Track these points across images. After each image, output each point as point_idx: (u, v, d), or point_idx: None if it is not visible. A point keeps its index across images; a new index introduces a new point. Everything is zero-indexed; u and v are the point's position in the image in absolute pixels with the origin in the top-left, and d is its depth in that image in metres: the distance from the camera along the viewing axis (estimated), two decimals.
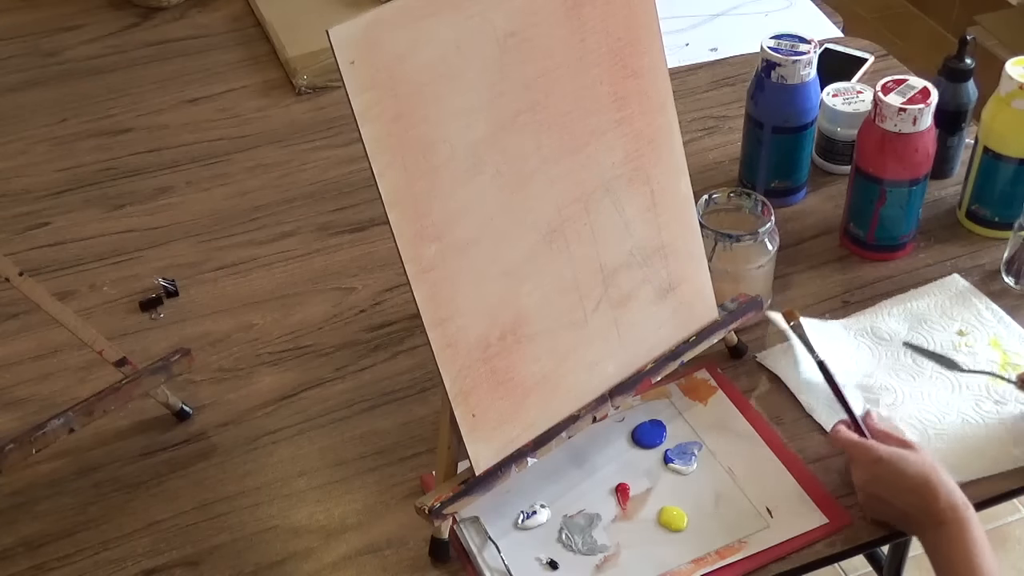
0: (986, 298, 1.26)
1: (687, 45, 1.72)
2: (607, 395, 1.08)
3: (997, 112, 1.29)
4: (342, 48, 0.85)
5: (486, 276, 0.98)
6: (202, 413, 1.19)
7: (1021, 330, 1.23)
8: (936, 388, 1.17)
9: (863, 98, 1.42)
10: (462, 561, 1.04)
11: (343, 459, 1.14)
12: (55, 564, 1.06)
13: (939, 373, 1.18)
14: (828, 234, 1.37)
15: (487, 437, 1.01)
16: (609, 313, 1.07)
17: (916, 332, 1.23)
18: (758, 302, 1.19)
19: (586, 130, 1.01)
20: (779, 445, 1.12)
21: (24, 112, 1.63)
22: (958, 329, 1.23)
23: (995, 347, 1.21)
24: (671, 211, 1.09)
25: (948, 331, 1.23)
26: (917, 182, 1.27)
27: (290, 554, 1.06)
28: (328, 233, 1.41)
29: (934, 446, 1.11)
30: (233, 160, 1.54)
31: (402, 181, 0.91)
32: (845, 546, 1.04)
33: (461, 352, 0.98)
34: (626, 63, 1.02)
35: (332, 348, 1.26)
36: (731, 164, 1.48)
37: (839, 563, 1.11)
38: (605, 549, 1.04)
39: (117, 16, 1.84)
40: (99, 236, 1.42)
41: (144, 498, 1.11)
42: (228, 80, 1.69)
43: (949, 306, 1.26)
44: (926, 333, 1.23)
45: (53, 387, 1.22)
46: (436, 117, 0.92)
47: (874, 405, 1.15)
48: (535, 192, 0.99)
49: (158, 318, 1.31)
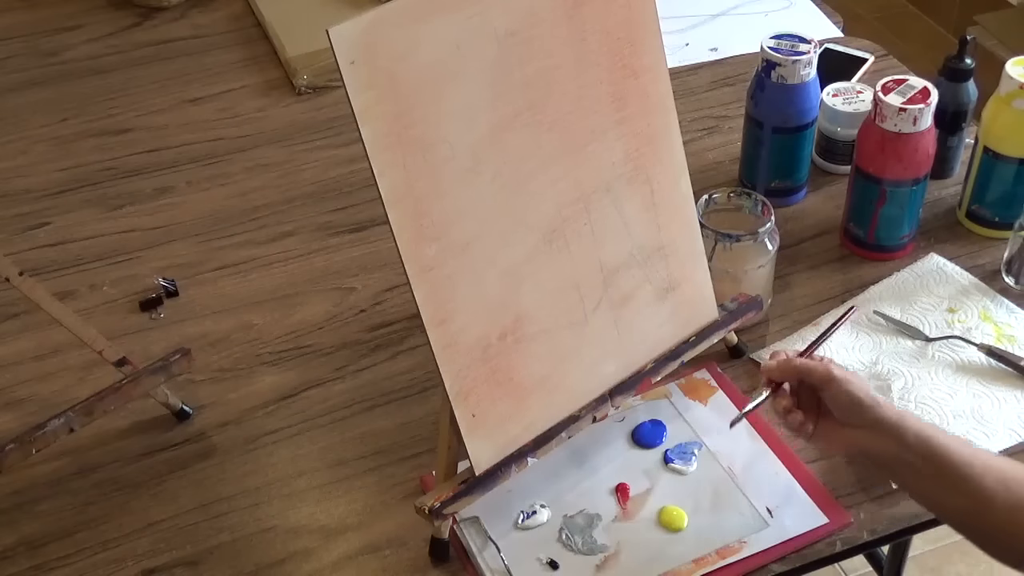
0: (965, 272, 1.29)
1: (687, 45, 1.72)
2: (607, 395, 1.08)
3: (997, 112, 1.29)
4: (342, 48, 0.85)
5: (486, 276, 0.98)
6: (202, 413, 1.19)
7: (1006, 301, 1.25)
8: (941, 367, 1.18)
9: (863, 98, 1.42)
10: (462, 561, 1.04)
11: (343, 459, 1.14)
12: (55, 564, 1.06)
13: (940, 351, 1.20)
14: (828, 234, 1.37)
15: (487, 437, 1.01)
16: (609, 313, 1.07)
17: (909, 315, 1.24)
18: (758, 302, 1.19)
19: (586, 130, 1.01)
20: (779, 445, 1.12)
21: (24, 112, 1.64)
22: (948, 307, 1.24)
23: (986, 320, 1.23)
24: (671, 211, 1.09)
25: (939, 309, 1.24)
26: (917, 182, 1.28)
27: (290, 554, 1.06)
28: (328, 233, 1.41)
29: (953, 426, 1.12)
30: (233, 160, 1.54)
31: (402, 181, 0.91)
32: (845, 546, 1.04)
33: (461, 352, 0.97)
34: (626, 63, 1.02)
35: (332, 348, 1.26)
36: (731, 164, 1.48)
37: (839, 563, 1.11)
38: (605, 549, 1.04)
39: (117, 16, 1.84)
40: (99, 236, 1.42)
41: (144, 498, 1.11)
42: (228, 80, 1.69)
43: (934, 285, 1.28)
44: (919, 315, 1.24)
45: (53, 387, 1.22)
46: (436, 117, 0.92)
47: (886, 392, 1.16)
48: (535, 192, 0.99)
49: (158, 318, 1.31)
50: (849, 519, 1.05)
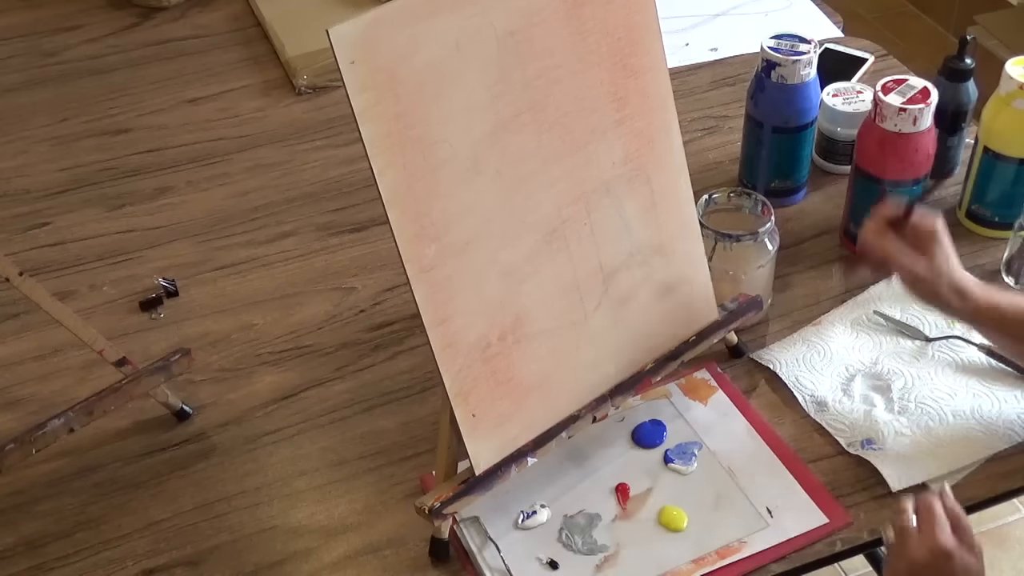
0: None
1: (687, 45, 1.72)
2: (607, 395, 1.08)
3: (997, 112, 1.29)
4: (342, 48, 0.85)
5: (486, 276, 0.98)
6: (202, 413, 1.19)
7: None
8: (941, 366, 1.18)
9: (863, 98, 1.42)
10: (462, 561, 1.04)
11: (343, 459, 1.14)
12: (55, 564, 1.06)
13: (940, 351, 1.20)
14: (828, 234, 1.37)
15: (487, 437, 1.01)
16: (609, 313, 1.07)
17: (909, 315, 1.24)
18: (758, 302, 1.19)
19: (586, 130, 1.01)
20: (779, 445, 1.12)
21: (24, 112, 1.63)
22: None
23: None
24: (671, 211, 1.09)
25: None
26: (917, 182, 1.27)
27: (290, 554, 1.06)
28: (328, 233, 1.41)
29: (953, 426, 1.12)
30: (233, 160, 1.54)
31: (402, 181, 0.91)
32: (845, 546, 1.04)
33: (461, 352, 0.97)
34: (626, 63, 1.02)
35: (332, 348, 1.26)
36: (731, 164, 1.48)
37: (839, 563, 1.11)
38: (605, 549, 1.04)
39: (117, 16, 1.84)
40: (99, 236, 1.42)
41: (144, 498, 1.11)
42: (228, 80, 1.69)
43: None
44: (919, 315, 1.24)
45: (53, 387, 1.22)
46: (436, 117, 0.92)
47: (886, 392, 1.15)
48: (535, 192, 0.99)
49: (158, 318, 1.31)
50: (849, 519, 1.05)
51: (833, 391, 1.16)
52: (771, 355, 1.20)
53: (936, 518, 0.94)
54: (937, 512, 0.95)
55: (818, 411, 1.15)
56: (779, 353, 1.20)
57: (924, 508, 0.96)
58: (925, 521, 0.95)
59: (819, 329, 1.23)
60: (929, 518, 0.95)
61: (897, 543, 0.96)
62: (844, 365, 1.19)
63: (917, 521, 0.95)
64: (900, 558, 0.95)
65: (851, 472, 1.09)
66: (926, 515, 0.95)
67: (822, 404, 1.15)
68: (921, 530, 0.95)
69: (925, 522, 0.95)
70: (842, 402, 1.15)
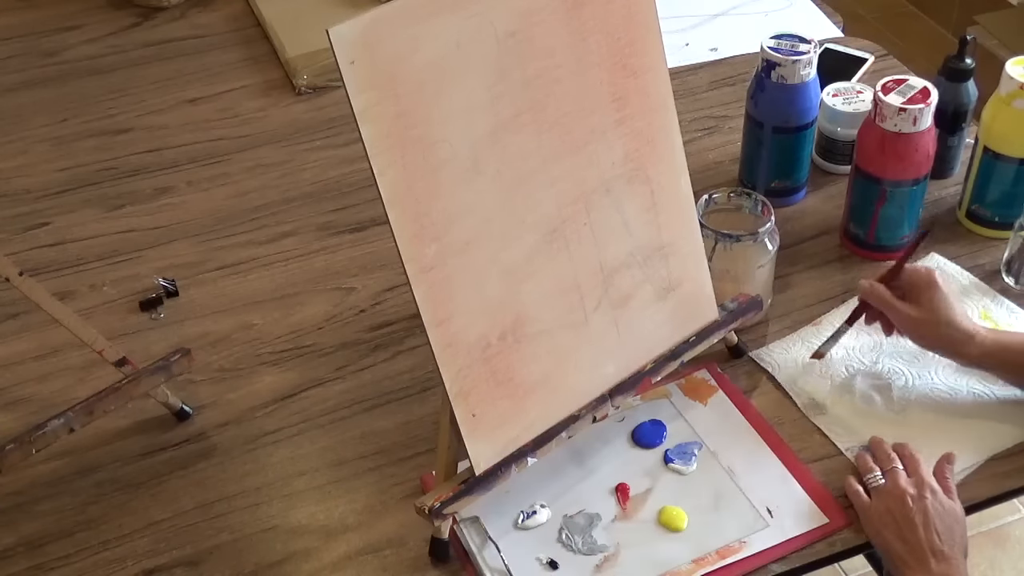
0: (965, 272, 1.29)
1: (687, 45, 1.72)
2: (607, 395, 1.08)
3: (997, 112, 1.29)
4: (342, 48, 0.85)
5: (486, 276, 0.98)
6: (202, 413, 1.19)
7: (1006, 301, 1.26)
8: (941, 366, 1.18)
9: (863, 98, 1.42)
10: (462, 561, 1.04)
11: (343, 459, 1.14)
12: (55, 564, 1.06)
13: None
14: (828, 234, 1.37)
15: (487, 437, 1.01)
16: (609, 313, 1.07)
17: None
18: (758, 302, 1.19)
19: (586, 130, 1.01)
20: (779, 445, 1.12)
21: (24, 112, 1.64)
22: None
23: (986, 320, 1.23)
24: (671, 211, 1.09)
25: None
26: (917, 182, 1.28)
27: (290, 554, 1.06)
28: (328, 233, 1.41)
29: (952, 425, 1.12)
30: (233, 160, 1.54)
31: (402, 181, 0.91)
32: (845, 546, 1.04)
33: (461, 352, 0.97)
34: (626, 63, 1.02)
35: (332, 348, 1.26)
36: (731, 164, 1.48)
37: (839, 563, 1.11)
38: (605, 549, 1.04)
39: (117, 16, 1.84)
40: (99, 236, 1.42)
41: (144, 498, 1.11)
42: (228, 80, 1.69)
43: None
44: None
45: (53, 387, 1.22)
46: (436, 117, 0.92)
47: (886, 391, 1.16)
48: (535, 192, 0.99)
49: (158, 318, 1.31)
50: (849, 519, 1.05)
51: (832, 393, 1.16)
52: (770, 357, 1.20)
53: (895, 467, 1.05)
54: (894, 457, 1.06)
55: (816, 415, 1.15)
56: (778, 355, 1.20)
57: (881, 454, 1.07)
58: (888, 472, 1.05)
59: (819, 329, 1.23)
60: (889, 463, 1.06)
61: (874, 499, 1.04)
62: (844, 365, 1.19)
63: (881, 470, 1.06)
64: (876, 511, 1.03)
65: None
66: (886, 461, 1.06)
67: (820, 408, 1.15)
68: (886, 480, 1.04)
69: (888, 473, 1.05)
70: (842, 404, 1.15)
